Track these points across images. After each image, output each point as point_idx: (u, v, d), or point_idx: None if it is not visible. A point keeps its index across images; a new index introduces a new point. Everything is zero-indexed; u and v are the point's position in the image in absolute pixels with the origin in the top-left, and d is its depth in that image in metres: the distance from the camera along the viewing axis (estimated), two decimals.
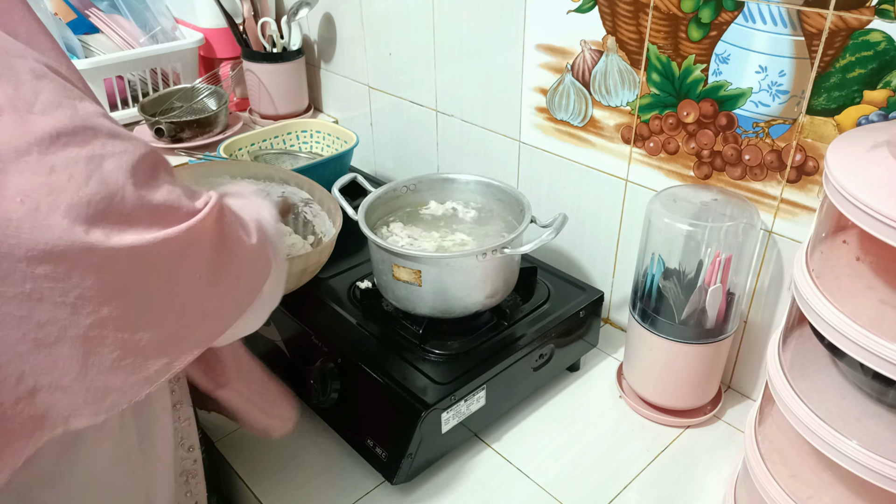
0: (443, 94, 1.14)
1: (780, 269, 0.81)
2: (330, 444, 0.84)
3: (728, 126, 0.79)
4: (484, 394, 0.79)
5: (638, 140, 0.88)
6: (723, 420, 0.87)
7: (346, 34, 1.30)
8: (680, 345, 0.80)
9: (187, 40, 1.41)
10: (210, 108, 1.36)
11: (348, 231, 0.87)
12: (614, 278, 1.00)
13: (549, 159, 1.00)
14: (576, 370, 0.95)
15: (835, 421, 0.53)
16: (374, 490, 0.78)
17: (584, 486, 0.78)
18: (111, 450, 0.54)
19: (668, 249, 0.80)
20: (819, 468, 0.58)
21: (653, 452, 0.83)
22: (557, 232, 0.80)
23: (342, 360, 0.81)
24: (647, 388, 0.87)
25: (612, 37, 0.86)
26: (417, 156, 1.25)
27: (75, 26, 1.38)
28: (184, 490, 0.68)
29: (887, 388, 0.53)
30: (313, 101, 1.48)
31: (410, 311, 0.85)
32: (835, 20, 0.66)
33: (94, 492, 0.53)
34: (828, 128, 0.71)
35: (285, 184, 0.96)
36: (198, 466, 0.69)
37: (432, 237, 0.89)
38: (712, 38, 0.76)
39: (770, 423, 0.64)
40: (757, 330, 0.86)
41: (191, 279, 0.46)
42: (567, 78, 0.93)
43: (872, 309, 0.50)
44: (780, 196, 0.77)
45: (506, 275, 0.84)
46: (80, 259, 0.39)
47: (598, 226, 0.98)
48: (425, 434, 0.74)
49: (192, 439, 0.68)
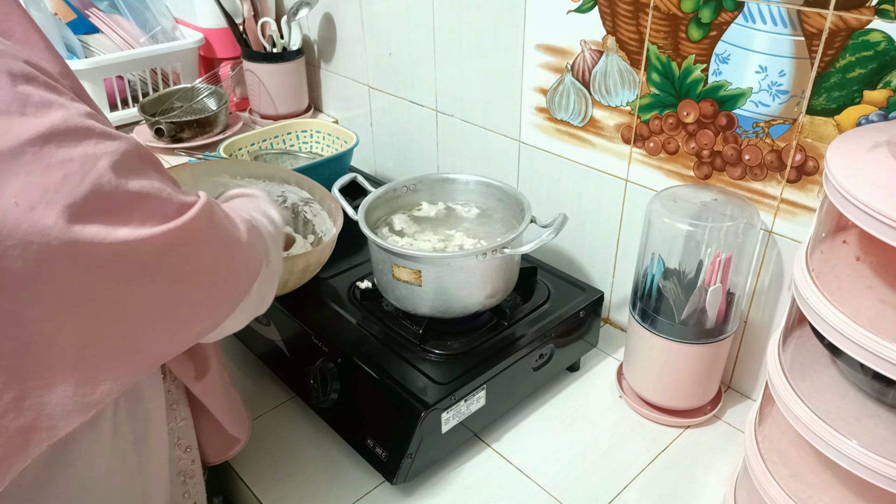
0: (443, 94, 1.14)
1: (780, 269, 0.80)
2: (330, 444, 0.84)
3: (728, 126, 0.79)
4: (484, 394, 0.79)
5: (638, 140, 0.88)
6: (723, 420, 0.87)
7: (346, 34, 1.30)
8: (680, 345, 0.80)
9: (187, 40, 1.41)
10: (210, 108, 1.36)
11: (348, 231, 0.87)
12: (614, 278, 1.00)
13: (549, 159, 1.00)
14: (576, 370, 0.95)
15: (835, 421, 0.53)
16: (374, 490, 0.78)
17: (584, 486, 0.78)
18: (106, 452, 0.54)
19: (668, 249, 0.80)
20: (819, 468, 0.58)
21: (653, 452, 0.83)
22: (557, 232, 0.80)
23: (342, 360, 0.81)
24: (647, 388, 0.87)
25: (612, 37, 0.86)
26: (417, 156, 1.25)
27: (75, 26, 1.38)
28: (181, 491, 0.68)
29: (887, 388, 0.53)
30: (313, 101, 1.48)
31: (410, 311, 0.85)
32: (835, 20, 0.66)
33: (89, 494, 0.53)
34: (828, 128, 0.71)
35: (285, 183, 0.96)
36: (195, 467, 0.69)
37: (432, 237, 0.89)
38: (712, 38, 0.76)
39: (770, 423, 0.64)
40: (757, 330, 0.86)
41: (183, 274, 0.46)
42: (567, 78, 0.93)
43: (872, 309, 0.50)
44: (780, 196, 0.77)
45: (506, 275, 0.84)
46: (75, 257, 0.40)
47: (598, 226, 0.98)
48: (425, 434, 0.74)
49: (189, 440, 0.68)
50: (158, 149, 1.28)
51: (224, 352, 1.00)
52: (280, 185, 0.96)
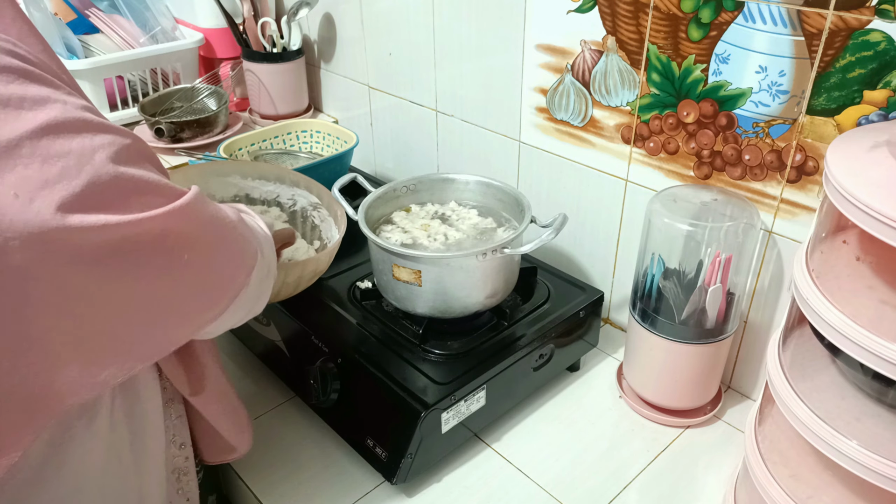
0: (443, 94, 1.14)
1: (780, 269, 0.81)
2: (330, 444, 0.84)
3: (728, 126, 0.79)
4: (484, 394, 0.79)
5: (638, 140, 0.88)
6: (723, 420, 0.87)
7: (346, 34, 1.30)
8: (680, 345, 0.80)
9: (187, 40, 1.41)
10: (210, 108, 1.36)
11: (348, 231, 0.87)
12: (614, 278, 1.00)
13: (549, 159, 1.00)
14: (576, 370, 0.95)
15: (835, 421, 0.53)
16: (374, 490, 0.78)
17: (584, 486, 0.78)
18: (102, 450, 0.54)
19: (668, 249, 0.80)
20: (819, 468, 0.58)
21: (653, 452, 0.83)
22: (557, 232, 0.80)
23: (342, 360, 0.81)
24: (647, 388, 0.87)
25: (612, 37, 0.86)
26: (417, 156, 1.25)
27: (75, 26, 1.38)
28: (175, 488, 0.68)
29: (887, 388, 0.53)
30: (313, 101, 1.48)
31: (410, 311, 0.85)
32: (835, 20, 0.66)
33: (85, 493, 0.53)
34: (828, 128, 0.71)
35: (295, 186, 0.95)
36: (189, 464, 0.69)
37: (432, 237, 0.89)
38: (712, 38, 0.76)
39: (770, 423, 0.64)
40: (757, 330, 0.86)
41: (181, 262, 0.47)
42: (567, 78, 0.93)
43: (872, 309, 0.50)
44: (780, 196, 0.77)
45: (506, 275, 0.84)
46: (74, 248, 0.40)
47: (598, 226, 0.98)
48: (425, 434, 0.74)
49: (183, 436, 0.68)
50: (158, 149, 1.28)
51: (224, 352, 1.01)
52: (290, 188, 0.96)
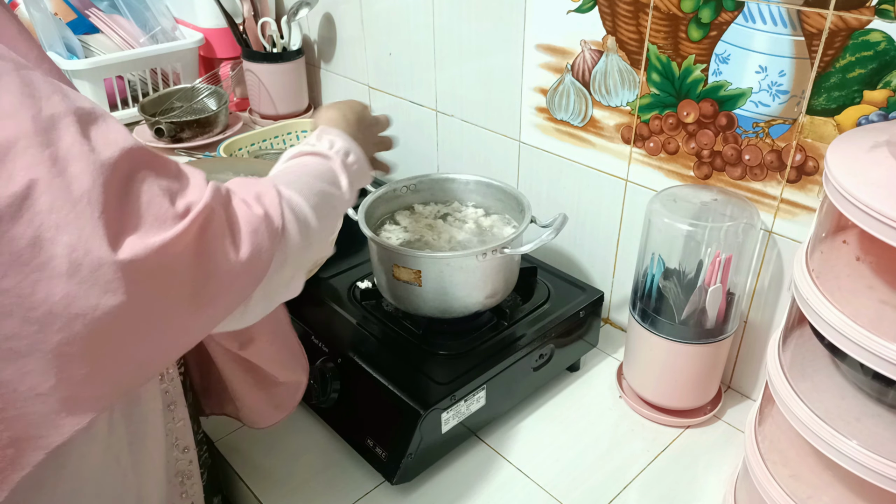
0: (443, 94, 1.14)
1: (780, 269, 0.80)
2: (330, 444, 0.84)
3: (728, 126, 0.79)
4: (484, 394, 0.79)
5: (638, 140, 0.88)
6: (723, 420, 0.87)
7: (346, 34, 1.30)
8: (680, 345, 0.80)
9: (187, 40, 1.41)
10: (210, 108, 1.36)
11: (348, 231, 0.87)
12: (614, 278, 1.00)
13: (549, 159, 1.00)
14: (576, 370, 0.95)
15: (835, 421, 0.53)
16: (374, 490, 0.78)
17: (584, 486, 0.78)
18: (100, 454, 0.54)
19: (668, 249, 0.80)
20: (819, 468, 0.58)
21: (653, 452, 0.83)
22: (557, 232, 0.80)
23: (342, 360, 0.81)
24: (647, 388, 0.87)
25: (612, 37, 0.86)
26: (417, 156, 1.25)
27: (75, 26, 1.38)
28: (179, 491, 0.68)
29: (887, 388, 0.53)
30: (313, 101, 1.48)
31: (410, 311, 0.84)
32: (835, 20, 0.66)
33: (82, 495, 0.53)
34: (828, 128, 0.71)
35: None
36: (193, 467, 0.69)
37: (432, 237, 0.89)
38: (712, 38, 0.76)
39: (770, 423, 0.64)
40: (757, 330, 0.86)
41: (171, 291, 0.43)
42: (567, 78, 0.93)
43: (872, 309, 0.50)
44: (780, 196, 0.77)
45: (506, 275, 0.84)
46: None
47: (598, 226, 0.98)
48: (425, 434, 0.74)
49: (186, 440, 0.68)
50: (158, 149, 1.29)
51: None
52: None
